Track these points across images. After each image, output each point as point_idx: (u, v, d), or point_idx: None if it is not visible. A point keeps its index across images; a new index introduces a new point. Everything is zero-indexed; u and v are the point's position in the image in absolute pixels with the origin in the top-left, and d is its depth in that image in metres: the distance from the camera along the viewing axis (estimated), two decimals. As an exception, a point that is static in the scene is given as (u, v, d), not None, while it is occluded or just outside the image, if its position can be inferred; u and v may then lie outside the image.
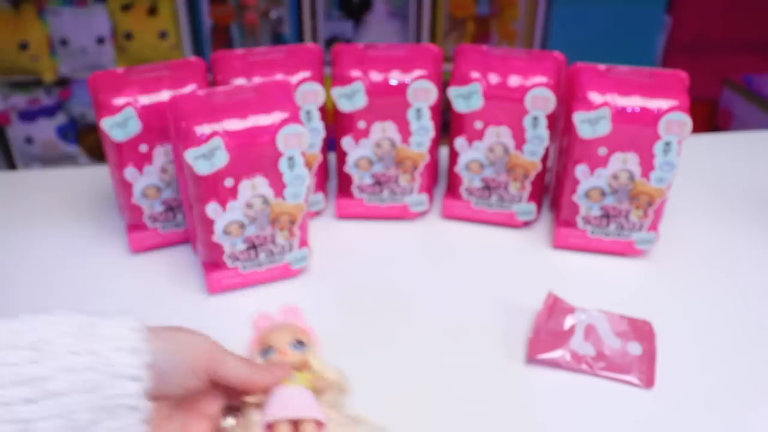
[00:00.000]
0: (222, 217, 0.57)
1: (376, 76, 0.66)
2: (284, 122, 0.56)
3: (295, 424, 0.41)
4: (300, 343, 0.46)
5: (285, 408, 0.42)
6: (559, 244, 0.68)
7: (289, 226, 0.60)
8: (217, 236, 0.58)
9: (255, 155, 0.56)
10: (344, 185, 0.72)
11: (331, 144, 0.72)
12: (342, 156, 0.70)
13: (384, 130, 0.67)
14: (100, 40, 1.72)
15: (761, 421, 0.50)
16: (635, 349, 0.54)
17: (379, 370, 0.52)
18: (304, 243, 0.63)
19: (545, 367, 0.54)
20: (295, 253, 0.62)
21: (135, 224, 0.66)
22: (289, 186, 0.58)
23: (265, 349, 0.47)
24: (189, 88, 0.63)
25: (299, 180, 0.58)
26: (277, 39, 1.79)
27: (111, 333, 0.35)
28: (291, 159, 0.57)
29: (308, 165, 0.59)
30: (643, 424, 0.49)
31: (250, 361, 0.43)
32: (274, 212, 0.59)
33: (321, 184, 0.73)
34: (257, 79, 0.65)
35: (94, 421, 0.34)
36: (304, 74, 0.66)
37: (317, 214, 0.73)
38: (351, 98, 0.66)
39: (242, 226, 0.58)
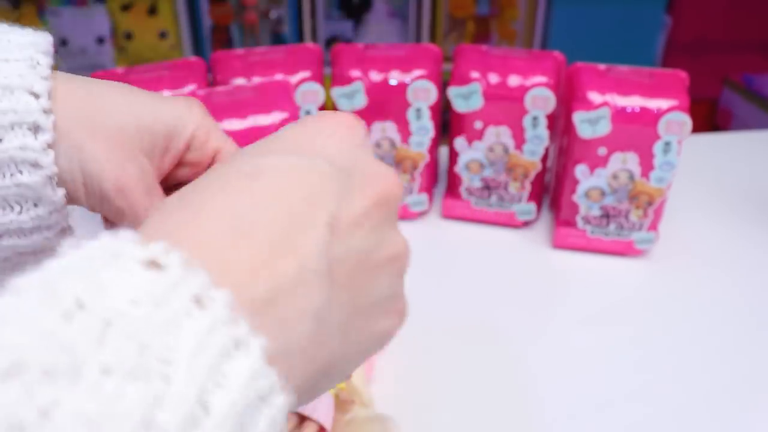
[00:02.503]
0: (222, 217, 0.57)
1: (375, 76, 0.66)
2: (284, 122, 0.56)
3: (302, 420, 0.43)
4: None
5: None
6: (558, 244, 0.68)
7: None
8: (217, 236, 0.58)
9: (255, 155, 0.56)
10: (344, 185, 0.71)
11: (331, 144, 0.72)
12: (342, 156, 0.70)
13: (384, 130, 0.67)
14: (100, 40, 1.72)
15: (761, 421, 0.50)
16: None
17: (378, 370, 0.52)
18: (303, 243, 0.63)
19: (546, 364, 0.54)
20: (294, 253, 0.62)
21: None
22: (288, 186, 0.58)
23: None
24: (189, 88, 0.63)
25: (299, 180, 0.58)
26: (277, 39, 1.79)
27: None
28: (291, 159, 0.57)
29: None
30: (641, 424, 0.49)
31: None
32: (273, 212, 0.59)
33: (321, 184, 0.73)
34: (257, 79, 0.65)
35: None
36: (304, 74, 0.66)
37: (317, 214, 0.73)
38: (351, 98, 0.66)
39: (242, 226, 0.58)
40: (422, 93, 0.65)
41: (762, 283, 0.64)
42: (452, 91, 0.65)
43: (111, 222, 0.33)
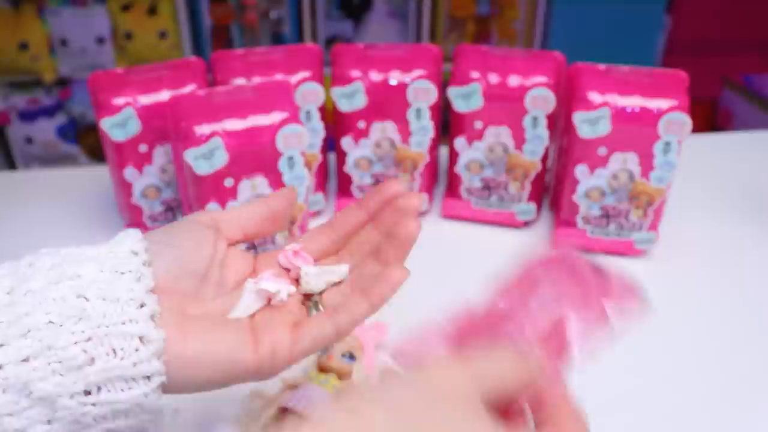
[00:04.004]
0: (222, 217, 0.57)
1: (375, 76, 0.66)
2: (284, 122, 0.56)
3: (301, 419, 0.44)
4: (351, 356, 0.50)
5: (299, 401, 0.45)
6: (559, 245, 0.68)
7: (288, 226, 0.60)
8: (217, 236, 0.58)
9: (255, 155, 0.56)
10: (344, 185, 0.72)
11: (331, 144, 0.72)
12: (342, 156, 0.70)
13: (384, 130, 0.67)
14: (100, 40, 1.72)
15: (760, 421, 0.50)
16: None
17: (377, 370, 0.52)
18: (303, 243, 0.63)
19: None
20: (294, 253, 0.62)
21: (135, 224, 0.66)
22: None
23: (323, 349, 0.50)
24: (189, 88, 0.63)
25: (299, 180, 0.58)
26: (277, 39, 1.79)
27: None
28: (291, 159, 0.57)
29: (308, 165, 0.59)
30: (639, 425, 0.49)
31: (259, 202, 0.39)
32: (273, 212, 0.59)
33: (321, 184, 0.73)
34: (257, 79, 0.65)
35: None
36: (304, 74, 0.66)
37: (317, 214, 0.73)
38: (351, 98, 0.66)
39: (242, 226, 0.58)
40: (422, 93, 0.65)
41: (762, 283, 0.64)
42: (452, 91, 0.65)
43: None
